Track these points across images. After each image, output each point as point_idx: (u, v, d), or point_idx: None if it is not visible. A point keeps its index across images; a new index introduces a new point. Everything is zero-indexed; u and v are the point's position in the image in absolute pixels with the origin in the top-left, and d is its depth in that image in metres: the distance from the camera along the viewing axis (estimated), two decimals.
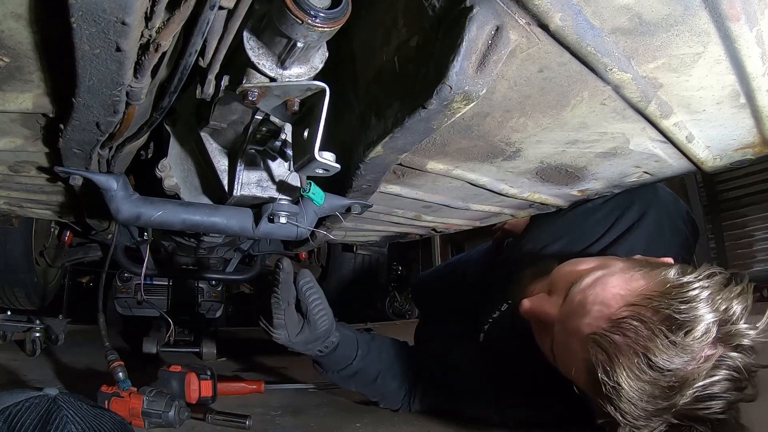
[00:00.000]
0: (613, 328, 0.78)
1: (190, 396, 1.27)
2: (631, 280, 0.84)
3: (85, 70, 0.62)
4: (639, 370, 0.73)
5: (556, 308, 0.93)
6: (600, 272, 0.89)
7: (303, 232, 1.10)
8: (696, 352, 0.72)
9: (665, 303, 0.75)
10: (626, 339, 0.75)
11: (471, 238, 4.51)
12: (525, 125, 0.85)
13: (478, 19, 0.58)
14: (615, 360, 0.75)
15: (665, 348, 0.72)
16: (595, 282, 0.86)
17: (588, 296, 0.85)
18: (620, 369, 0.74)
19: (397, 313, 6.13)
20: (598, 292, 0.84)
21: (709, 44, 0.65)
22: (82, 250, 2.17)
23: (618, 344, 0.76)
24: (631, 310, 0.78)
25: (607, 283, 0.85)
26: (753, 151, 0.96)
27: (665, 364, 0.72)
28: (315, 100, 0.80)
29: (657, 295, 0.77)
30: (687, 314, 0.73)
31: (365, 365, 1.24)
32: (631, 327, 0.76)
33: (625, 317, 0.78)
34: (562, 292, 0.93)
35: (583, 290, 0.87)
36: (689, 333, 0.72)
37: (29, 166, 1.05)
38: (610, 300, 0.82)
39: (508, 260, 1.48)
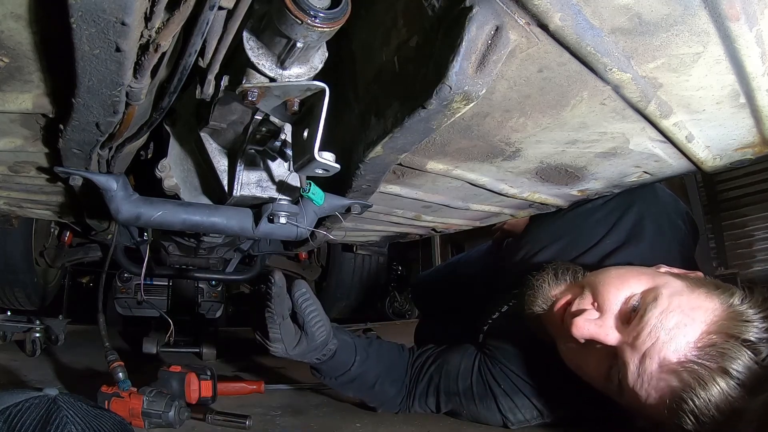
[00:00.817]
0: (702, 352, 0.80)
1: (190, 396, 1.27)
2: (698, 299, 0.85)
3: (84, 70, 0.62)
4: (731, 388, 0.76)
5: (614, 331, 0.89)
6: (666, 291, 0.87)
7: (303, 232, 1.10)
8: None
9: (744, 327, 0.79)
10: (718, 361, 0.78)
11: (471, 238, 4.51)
12: (525, 125, 0.85)
13: (478, 19, 0.58)
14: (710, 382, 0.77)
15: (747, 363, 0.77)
16: (671, 304, 0.85)
17: (669, 320, 0.83)
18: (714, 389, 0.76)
19: (397, 313, 6.13)
20: (678, 316, 0.83)
21: (709, 44, 0.65)
22: (82, 250, 2.17)
23: (710, 366, 0.78)
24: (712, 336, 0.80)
25: (683, 306, 0.84)
26: (753, 151, 0.96)
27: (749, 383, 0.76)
28: (315, 100, 0.80)
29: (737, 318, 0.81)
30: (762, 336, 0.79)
31: (363, 371, 1.24)
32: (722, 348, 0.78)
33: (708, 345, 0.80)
34: (615, 311, 0.91)
35: (662, 314, 0.84)
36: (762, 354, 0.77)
37: (29, 167, 1.05)
38: (693, 324, 0.82)
39: (508, 261, 1.48)
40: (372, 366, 1.26)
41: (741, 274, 4.72)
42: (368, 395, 1.29)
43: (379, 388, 1.27)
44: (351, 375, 1.23)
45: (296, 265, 2.67)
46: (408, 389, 1.30)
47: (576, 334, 0.92)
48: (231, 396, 1.46)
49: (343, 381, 1.24)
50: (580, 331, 0.92)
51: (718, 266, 5.28)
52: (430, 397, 1.27)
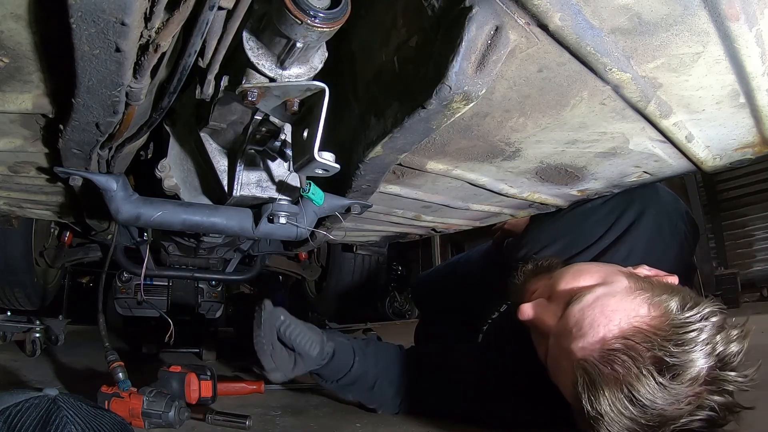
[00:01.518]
0: (603, 358, 0.78)
1: (190, 396, 1.27)
2: (631, 304, 0.82)
3: (84, 70, 0.62)
4: (621, 405, 0.73)
5: (555, 319, 0.92)
6: (601, 290, 0.87)
7: (303, 232, 1.10)
8: (680, 394, 0.72)
9: (658, 343, 0.75)
10: (614, 372, 0.76)
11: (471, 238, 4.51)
12: (524, 125, 0.85)
13: (478, 19, 0.58)
14: (600, 390, 0.75)
15: (651, 388, 0.72)
16: (595, 302, 0.85)
17: (585, 317, 0.84)
18: (603, 400, 0.74)
19: (396, 313, 6.14)
20: (596, 315, 0.83)
21: (709, 44, 0.65)
22: (81, 250, 2.17)
23: (605, 375, 0.76)
24: (624, 343, 0.77)
25: (606, 306, 0.83)
26: (752, 151, 0.96)
27: (648, 403, 0.72)
28: (314, 100, 0.80)
29: (652, 333, 0.77)
30: (679, 358, 0.73)
31: (363, 371, 1.25)
32: (620, 361, 0.76)
33: (616, 350, 0.77)
34: (561, 303, 0.92)
35: (582, 309, 0.85)
36: (677, 377, 0.72)
37: (29, 167, 1.05)
38: (606, 326, 0.80)
39: (508, 261, 1.48)
40: (371, 366, 1.26)
41: (741, 273, 4.73)
42: (368, 396, 1.29)
43: (378, 389, 1.27)
44: (352, 376, 1.23)
45: (296, 265, 2.67)
46: (407, 389, 1.30)
47: (519, 317, 0.98)
48: (231, 396, 1.46)
49: (344, 383, 1.24)
50: (520, 314, 0.98)
51: (718, 266, 5.28)
52: (430, 397, 1.27)
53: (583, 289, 0.90)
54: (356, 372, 1.23)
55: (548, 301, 0.97)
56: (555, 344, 0.90)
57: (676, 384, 0.72)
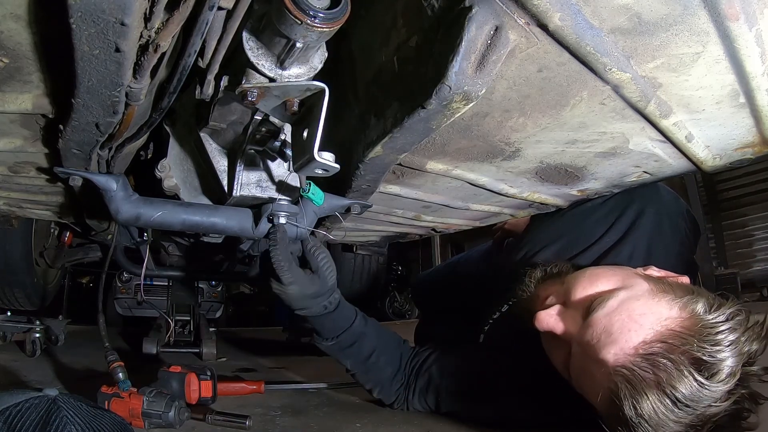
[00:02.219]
0: (642, 362, 0.78)
1: (190, 396, 1.27)
2: (658, 307, 0.82)
3: (84, 70, 0.62)
4: (666, 407, 0.74)
5: (575, 326, 0.90)
6: (624, 294, 0.86)
7: (303, 232, 1.10)
8: (720, 393, 0.73)
9: (696, 344, 0.76)
10: (656, 376, 0.76)
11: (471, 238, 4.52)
12: (524, 125, 0.85)
13: (478, 19, 0.58)
14: (642, 395, 0.75)
15: (693, 389, 0.73)
16: (620, 307, 0.84)
17: (614, 323, 0.83)
18: (647, 404, 0.74)
19: (397, 313, 6.14)
20: (625, 320, 0.82)
21: (709, 44, 0.65)
22: (81, 250, 2.17)
23: (646, 380, 0.76)
24: (662, 347, 0.77)
25: (633, 310, 0.83)
26: (752, 151, 0.96)
27: (692, 404, 0.73)
28: (314, 100, 0.80)
29: (687, 334, 0.77)
30: (715, 357, 0.74)
31: (361, 334, 1.25)
32: (660, 364, 0.76)
33: (654, 353, 0.77)
34: (580, 309, 0.91)
35: (609, 315, 0.84)
36: (715, 375, 0.73)
37: (29, 167, 1.05)
38: (638, 331, 0.80)
39: (508, 261, 1.48)
40: (370, 334, 1.27)
41: (741, 273, 4.73)
42: (363, 368, 1.29)
43: (374, 363, 1.27)
44: (350, 334, 1.23)
45: None
46: (407, 383, 1.30)
47: (537, 326, 0.96)
48: (231, 396, 1.46)
49: (342, 343, 1.24)
50: (539, 323, 0.96)
51: (718, 266, 5.29)
52: (430, 395, 1.27)
53: (603, 294, 0.89)
54: (356, 330, 1.23)
55: (565, 308, 0.96)
56: (581, 352, 0.88)
57: (715, 382, 0.73)
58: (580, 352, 0.88)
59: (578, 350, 0.88)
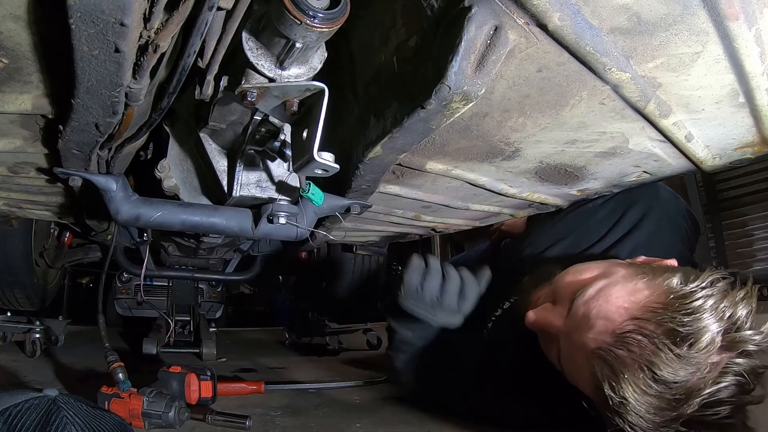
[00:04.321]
0: (617, 342, 0.78)
1: (190, 397, 1.27)
2: (634, 289, 0.83)
3: (83, 71, 0.62)
4: (644, 384, 0.73)
5: (561, 319, 0.92)
6: (603, 282, 0.87)
7: (302, 232, 1.10)
8: (701, 363, 0.72)
9: (668, 316, 0.75)
10: (630, 354, 0.76)
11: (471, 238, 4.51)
12: (524, 125, 0.85)
13: (477, 19, 0.58)
14: (620, 375, 0.75)
15: (669, 362, 0.72)
16: (598, 293, 0.85)
17: (591, 309, 0.84)
18: (626, 384, 0.74)
19: None
20: (601, 304, 0.83)
21: (708, 43, 0.65)
22: (81, 251, 2.17)
23: (622, 359, 0.76)
24: (635, 324, 0.77)
25: (610, 295, 0.84)
26: (752, 150, 0.96)
27: (670, 378, 0.72)
28: (314, 100, 0.80)
29: (660, 307, 0.77)
30: (690, 326, 0.73)
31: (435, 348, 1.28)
32: (634, 341, 0.76)
33: (628, 331, 0.77)
34: (566, 303, 0.92)
35: (587, 302, 0.86)
36: (693, 345, 0.72)
37: (28, 168, 1.05)
38: (613, 313, 0.81)
39: (509, 262, 1.48)
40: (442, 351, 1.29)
41: (741, 273, 4.73)
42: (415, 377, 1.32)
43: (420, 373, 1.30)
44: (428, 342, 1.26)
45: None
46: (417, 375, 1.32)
47: (527, 324, 1.00)
48: (231, 396, 1.46)
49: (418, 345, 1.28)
50: (528, 320, 0.99)
51: (718, 265, 5.28)
52: (431, 386, 1.28)
53: (584, 282, 0.91)
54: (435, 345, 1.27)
55: (553, 305, 0.98)
56: (566, 342, 0.90)
57: (693, 352, 0.72)
58: (565, 342, 0.90)
59: (564, 341, 0.91)
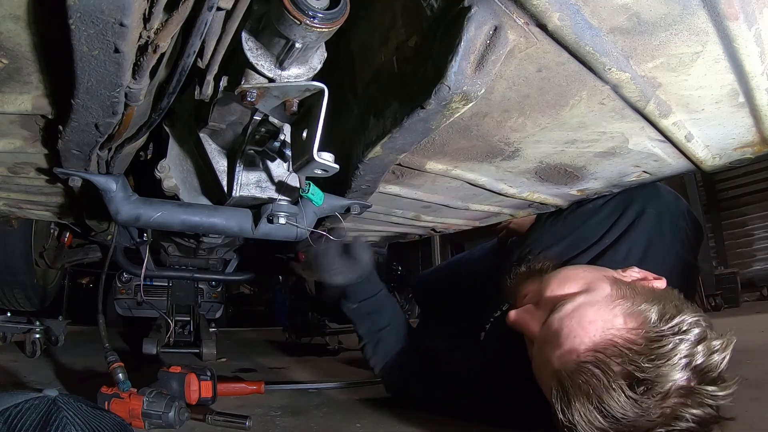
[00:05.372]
0: (576, 370, 0.78)
1: (190, 397, 1.27)
2: (609, 315, 0.81)
3: (83, 71, 0.62)
4: (592, 416, 0.73)
5: (538, 326, 0.91)
6: (582, 299, 0.86)
7: (302, 232, 1.10)
8: (652, 408, 0.71)
9: (629, 358, 0.74)
10: (585, 384, 0.76)
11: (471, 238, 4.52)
12: (524, 125, 0.85)
13: (477, 19, 0.58)
14: (572, 402, 0.76)
15: (620, 402, 0.72)
16: (574, 312, 0.84)
17: (563, 327, 0.83)
18: (575, 410, 0.75)
19: None
20: (573, 326, 0.82)
21: (708, 43, 0.65)
22: (81, 251, 2.17)
23: (577, 387, 0.76)
24: (596, 356, 0.77)
25: (583, 317, 0.82)
26: (752, 150, 0.96)
27: (619, 416, 0.72)
28: (314, 100, 0.80)
29: (625, 347, 0.76)
30: (651, 372, 0.72)
31: (381, 307, 1.37)
32: (592, 374, 0.75)
33: (588, 362, 0.77)
34: (546, 311, 0.91)
35: (561, 319, 0.85)
36: (648, 391, 0.71)
37: (28, 168, 1.05)
38: (581, 338, 0.80)
39: (510, 260, 1.48)
40: (389, 310, 1.39)
41: (740, 273, 4.73)
42: (375, 338, 1.38)
43: (386, 335, 1.36)
44: (373, 302, 1.36)
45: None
46: (409, 373, 1.33)
47: (507, 321, 1.00)
48: (231, 396, 1.46)
49: (362, 308, 1.36)
50: (507, 319, 0.99)
51: (718, 265, 5.29)
52: (435, 391, 1.28)
53: (566, 297, 0.89)
54: (378, 300, 1.37)
55: (536, 307, 0.97)
56: (537, 352, 0.90)
57: (646, 398, 0.71)
58: (537, 351, 0.91)
59: (536, 350, 0.91)
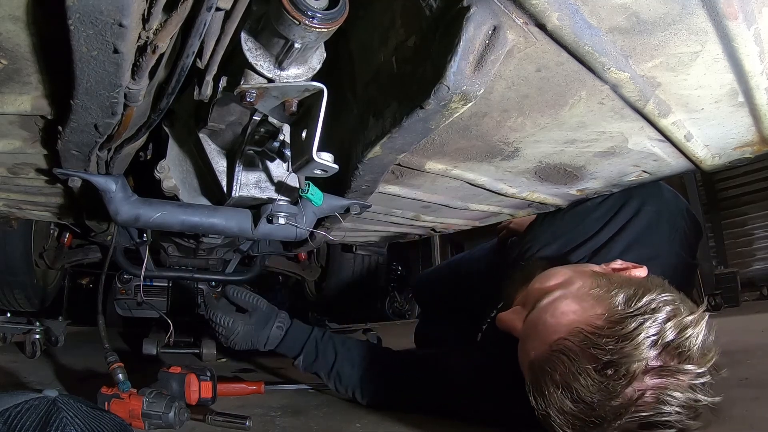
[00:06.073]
0: (546, 359, 0.80)
1: (190, 397, 1.27)
2: (582, 305, 0.83)
3: (82, 72, 0.62)
4: (563, 403, 0.75)
5: (521, 324, 0.94)
6: (558, 293, 0.88)
7: (302, 232, 1.10)
8: (619, 390, 0.72)
9: (593, 341, 0.75)
10: (554, 372, 0.78)
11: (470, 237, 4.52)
12: (523, 125, 0.85)
13: (476, 18, 0.58)
14: (543, 390, 0.78)
15: (587, 386, 0.73)
16: (548, 305, 0.87)
17: (539, 320, 0.86)
18: (547, 400, 0.77)
19: (396, 313, 6.13)
20: (548, 318, 0.85)
21: (707, 43, 0.65)
22: (81, 251, 2.17)
23: (548, 374, 0.78)
24: (562, 344, 0.79)
25: (557, 309, 0.85)
26: (751, 150, 0.96)
27: (588, 400, 0.73)
28: (313, 100, 0.80)
29: (589, 331, 0.77)
30: (615, 354, 0.72)
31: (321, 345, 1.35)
32: (559, 360, 0.77)
33: (557, 351, 0.79)
34: (529, 309, 0.94)
35: (537, 313, 0.87)
36: (615, 372, 0.72)
37: (28, 168, 1.05)
38: (553, 328, 0.82)
39: (508, 260, 1.48)
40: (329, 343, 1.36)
41: (740, 272, 4.73)
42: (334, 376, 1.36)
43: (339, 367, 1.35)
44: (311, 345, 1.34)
45: (296, 266, 2.67)
46: (402, 384, 1.33)
47: (497, 323, 1.02)
48: (231, 397, 1.46)
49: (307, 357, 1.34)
50: (498, 322, 1.01)
51: (718, 265, 5.29)
52: (433, 394, 1.28)
53: (547, 289, 0.92)
54: (314, 340, 1.35)
55: (522, 308, 0.99)
56: (520, 347, 0.93)
57: (613, 379, 0.72)
58: (520, 346, 0.93)
59: (519, 345, 0.94)
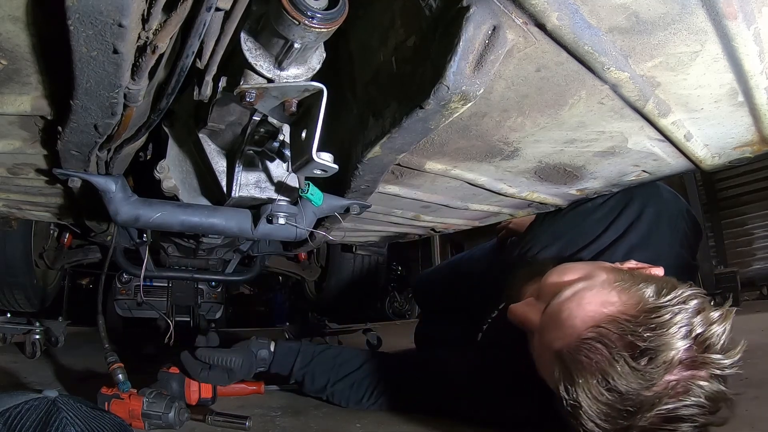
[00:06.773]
0: (578, 347, 0.79)
1: (190, 397, 1.27)
2: (607, 297, 0.83)
3: (82, 72, 0.62)
4: (597, 392, 0.74)
5: (539, 315, 0.93)
6: (581, 285, 0.88)
7: (302, 232, 1.10)
8: (656, 378, 0.72)
9: (630, 328, 0.76)
10: (588, 360, 0.77)
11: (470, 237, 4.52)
12: (523, 125, 0.85)
13: (475, 18, 0.58)
14: (575, 379, 0.77)
15: (624, 374, 0.73)
16: (573, 296, 0.87)
17: (563, 311, 0.85)
18: (579, 388, 0.76)
19: (396, 313, 6.15)
20: (573, 308, 0.84)
21: (707, 42, 0.65)
22: (81, 251, 2.17)
23: (580, 364, 0.78)
24: (597, 332, 0.78)
25: (583, 299, 0.85)
26: (751, 149, 0.96)
27: (623, 388, 0.73)
28: (313, 100, 0.80)
29: (625, 319, 0.77)
30: (652, 342, 0.73)
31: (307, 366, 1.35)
32: (594, 349, 0.77)
33: (590, 338, 0.78)
34: (546, 300, 0.93)
35: (561, 304, 0.87)
36: (651, 360, 0.72)
37: (28, 168, 1.05)
38: (581, 318, 0.82)
39: (509, 260, 1.48)
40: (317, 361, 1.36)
41: (740, 272, 4.73)
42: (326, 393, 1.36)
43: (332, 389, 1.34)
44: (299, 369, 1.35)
45: (296, 266, 2.67)
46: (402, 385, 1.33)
47: (508, 315, 1.01)
48: (231, 397, 1.46)
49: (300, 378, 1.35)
50: (508, 313, 1.00)
51: (718, 265, 5.29)
52: (431, 396, 1.28)
53: (566, 284, 0.92)
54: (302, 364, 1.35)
55: (536, 300, 0.99)
56: (538, 339, 0.92)
57: (650, 367, 0.72)
58: (537, 339, 0.92)
59: (537, 337, 0.93)
